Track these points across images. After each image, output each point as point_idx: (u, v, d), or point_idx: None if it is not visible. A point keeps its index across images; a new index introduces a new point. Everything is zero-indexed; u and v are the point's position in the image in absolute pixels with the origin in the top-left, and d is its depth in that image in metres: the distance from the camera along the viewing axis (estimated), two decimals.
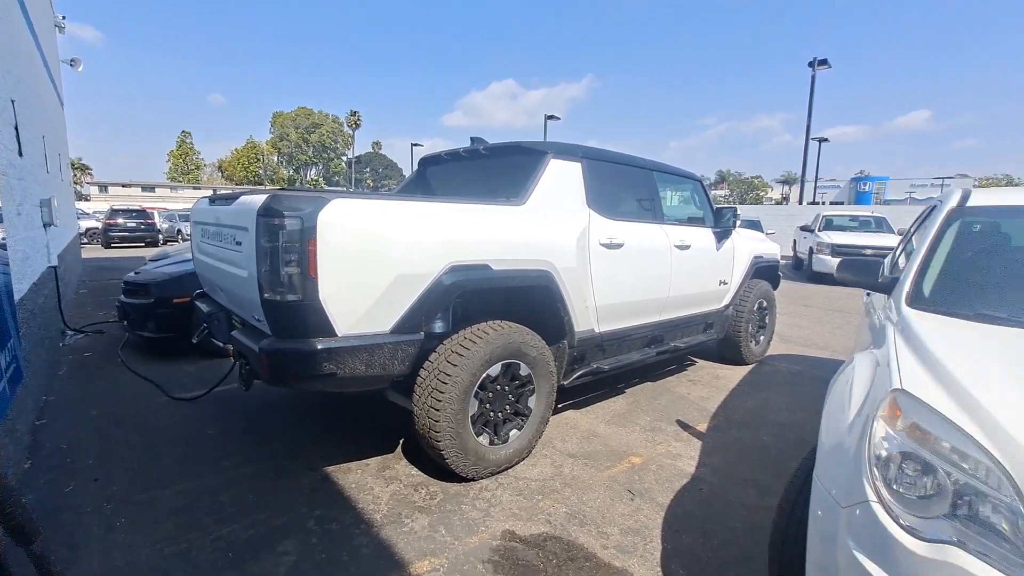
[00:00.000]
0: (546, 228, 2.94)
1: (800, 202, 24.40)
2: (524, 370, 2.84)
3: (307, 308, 2.10)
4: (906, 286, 1.93)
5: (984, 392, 1.23)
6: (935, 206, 2.60)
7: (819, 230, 13.05)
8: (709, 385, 4.46)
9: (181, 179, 66.13)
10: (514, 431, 2.87)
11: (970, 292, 1.89)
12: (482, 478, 2.74)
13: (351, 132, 72.57)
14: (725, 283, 4.56)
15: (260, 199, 2.15)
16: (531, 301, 2.95)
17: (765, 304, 5.19)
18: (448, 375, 2.48)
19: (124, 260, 13.74)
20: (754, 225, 14.68)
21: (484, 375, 2.63)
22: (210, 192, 6.30)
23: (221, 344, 2.92)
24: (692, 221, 4.35)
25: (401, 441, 3.19)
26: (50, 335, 4.64)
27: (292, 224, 2.04)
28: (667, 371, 4.80)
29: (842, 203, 45.91)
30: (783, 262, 15.51)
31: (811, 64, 20.71)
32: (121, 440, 3.14)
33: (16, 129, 3.97)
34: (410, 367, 2.45)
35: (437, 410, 2.47)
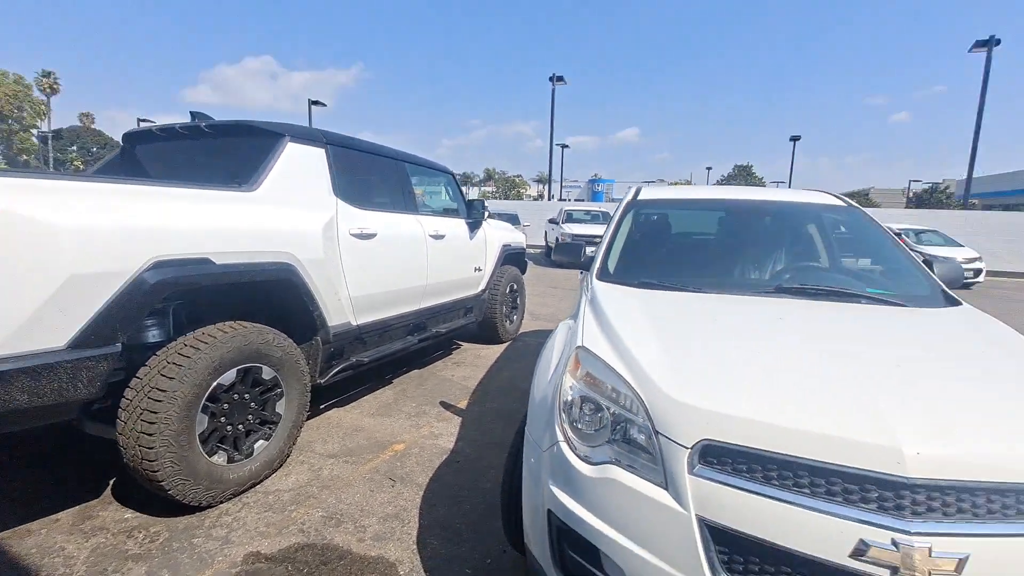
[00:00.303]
0: (285, 217, 2.71)
1: (549, 199, 28.08)
2: (268, 373, 2.58)
3: None
4: (596, 263, 2.39)
5: (634, 342, 1.59)
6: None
7: (562, 222, 15.25)
8: (471, 365, 4.79)
9: None
10: (260, 442, 2.59)
11: (639, 266, 2.44)
12: (223, 502, 2.41)
13: (44, 99, 54.97)
14: (480, 270, 4.94)
15: None
16: (274, 297, 2.70)
17: (516, 287, 5.81)
18: (163, 391, 2.08)
19: None
20: (513, 219, 16.34)
21: (214, 385, 2.30)
22: None
23: None
24: (447, 212, 4.58)
25: (111, 482, 2.58)
26: None
27: None
28: (434, 357, 4.98)
29: (583, 200, 54.69)
30: (538, 251, 17.62)
31: (551, 79, 23.87)
32: None
33: None
34: (103, 388, 1.98)
35: (150, 435, 2.06)
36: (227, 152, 3.11)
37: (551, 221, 16.94)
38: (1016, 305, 10.37)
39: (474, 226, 4.79)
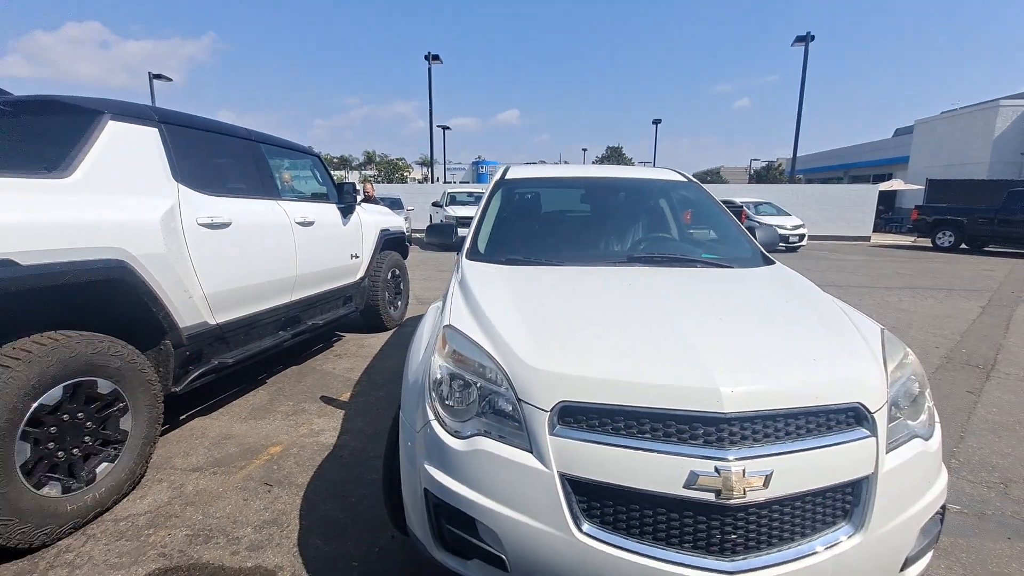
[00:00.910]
0: (110, 207, 2.36)
1: (432, 182, 27.64)
2: (105, 387, 2.26)
3: None
4: (467, 244, 2.42)
5: (497, 316, 1.65)
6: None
7: (446, 205, 15.13)
8: (355, 356, 4.63)
9: None
10: (104, 464, 2.28)
11: (505, 244, 2.52)
12: (61, 538, 2.09)
13: None
14: (357, 256, 4.74)
15: None
16: (107, 300, 2.36)
17: (398, 272, 5.68)
18: None
19: None
20: (396, 203, 15.84)
21: (34, 407, 1.97)
22: None
23: None
24: (315, 197, 4.31)
25: None
26: None
27: None
28: (314, 351, 4.73)
29: (468, 183, 54.63)
30: (423, 235, 17.36)
31: (427, 58, 23.28)
32: None
33: None
34: None
35: None
36: (31, 132, 2.61)
37: (435, 204, 16.71)
38: (827, 263, 12.46)
39: (347, 211, 4.58)
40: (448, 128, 38.86)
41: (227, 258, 3.03)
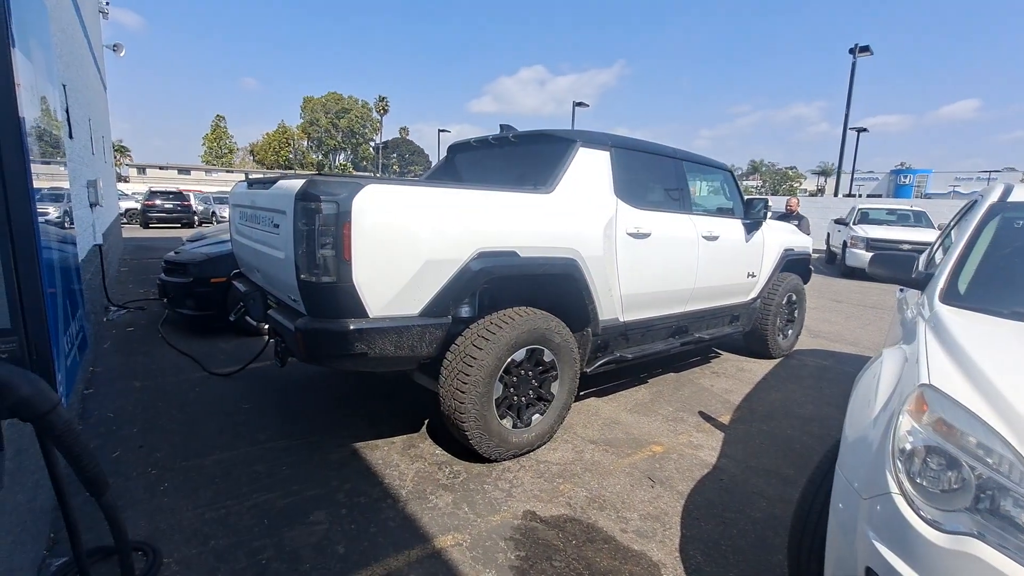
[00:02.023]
0: (573, 217, 2.96)
1: (836, 194, 23.62)
2: (548, 356, 2.88)
3: (341, 290, 2.18)
4: (940, 282, 1.90)
5: (1013, 389, 1.21)
6: (976, 201, 2.52)
7: (854, 223, 12.64)
8: (733, 377, 4.44)
9: (215, 163, 67.78)
10: (536, 415, 2.92)
11: (1007, 289, 1.84)
12: (504, 460, 2.81)
13: (379, 118, 73.13)
14: (753, 275, 4.50)
15: (298, 184, 2.23)
16: (557, 288, 2.98)
17: (794, 298, 5.10)
18: (474, 358, 2.54)
19: (162, 240, 14.25)
20: (785, 217, 14.31)
21: (509, 359, 2.68)
22: (242, 176, 6.47)
23: (256, 323, 3.04)
24: (721, 212, 4.30)
25: (426, 421, 3.29)
26: (96, 310, 4.89)
27: (328, 208, 2.11)
28: (691, 362, 4.79)
29: (880, 196, 44.28)
30: (818, 256, 15.11)
31: (852, 51, 19.90)
32: (163, 411, 3.31)
33: (67, 112, 4.16)
34: (437, 350, 2.52)
35: (463, 392, 2.54)
36: (527, 158, 3.55)
37: (838, 222, 14.24)
38: None
39: (751, 227, 4.38)
40: (865, 130, 32.35)
41: (643, 265, 3.36)
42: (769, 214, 4.53)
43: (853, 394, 1.64)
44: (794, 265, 5.02)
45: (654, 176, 3.73)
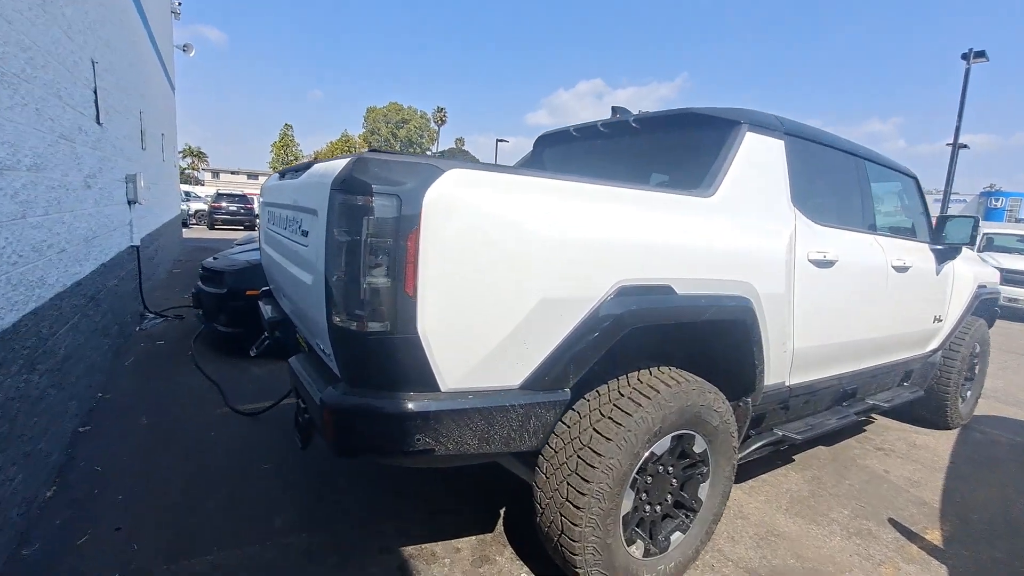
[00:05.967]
0: (742, 233, 1.96)
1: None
2: (699, 445, 1.88)
3: (398, 344, 1.28)
4: None
5: None
6: None
7: (979, 251, 10.79)
8: (907, 458, 3.24)
9: (281, 168, 70.73)
10: (677, 533, 1.92)
11: None
12: None
13: (437, 128, 74.19)
14: (940, 320, 3.31)
15: (339, 165, 1.36)
16: (717, 340, 1.97)
17: (978, 349, 3.84)
18: (598, 454, 1.57)
19: (220, 242, 14.20)
20: None
21: (647, 453, 1.70)
22: None
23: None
24: (907, 233, 3.16)
25: (502, 512, 2.35)
26: (121, 320, 4.29)
27: (384, 205, 1.23)
28: (842, 432, 3.61)
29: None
30: None
31: (965, 56, 17.68)
32: (163, 467, 2.55)
33: (95, 92, 3.57)
34: (543, 441, 1.58)
35: (578, 507, 1.58)
36: (658, 151, 2.58)
37: None
38: None
39: (944, 256, 3.21)
40: (965, 147, 29.14)
41: (825, 306, 2.31)
42: (978, 236, 3.34)
43: None
44: (983, 307, 3.77)
45: (834, 179, 2.66)
